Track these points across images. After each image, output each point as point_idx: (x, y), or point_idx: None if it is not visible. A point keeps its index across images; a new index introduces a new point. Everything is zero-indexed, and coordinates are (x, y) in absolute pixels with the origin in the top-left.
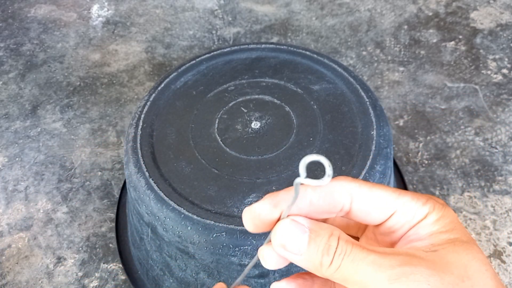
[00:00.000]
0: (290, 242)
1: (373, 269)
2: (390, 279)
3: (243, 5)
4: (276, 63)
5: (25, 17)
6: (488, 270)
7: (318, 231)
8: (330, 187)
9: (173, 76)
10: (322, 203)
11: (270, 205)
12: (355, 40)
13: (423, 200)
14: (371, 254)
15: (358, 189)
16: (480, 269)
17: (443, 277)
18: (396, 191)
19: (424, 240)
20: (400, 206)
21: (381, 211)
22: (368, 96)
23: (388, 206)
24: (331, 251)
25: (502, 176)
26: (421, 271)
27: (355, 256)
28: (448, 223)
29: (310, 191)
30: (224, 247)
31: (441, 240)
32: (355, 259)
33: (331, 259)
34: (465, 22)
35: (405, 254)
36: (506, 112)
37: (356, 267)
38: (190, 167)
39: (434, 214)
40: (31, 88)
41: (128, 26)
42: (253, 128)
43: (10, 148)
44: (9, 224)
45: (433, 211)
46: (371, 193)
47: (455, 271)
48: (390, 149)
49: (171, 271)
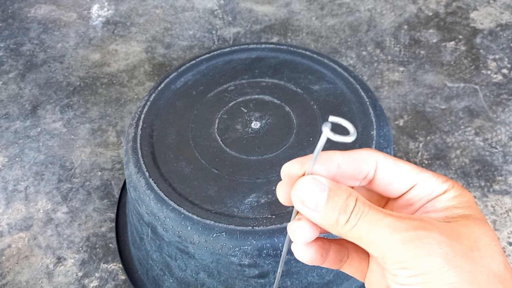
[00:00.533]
0: (309, 198)
1: (388, 231)
2: (403, 240)
3: (243, 5)
4: (276, 63)
5: (25, 17)
6: (497, 246)
7: (337, 191)
8: (357, 153)
9: (173, 76)
10: (349, 168)
11: (299, 163)
12: (355, 40)
13: (443, 178)
14: (387, 217)
15: (383, 159)
16: (489, 244)
17: (454, 245)
18: (418, 167)
19: (439, 212)
20: (421, 180)
21: (403, 182)
22: (368, 96)
23: (409, 178)
24: (348, 210)
25: (502, 176)
26: (434, 236)
27: (372, 217)
28: (465, 202)
29: (339, 156)
30: (224, 247)
31: (456, 214)
32: (371, 220)
33: (347, 218)
34: (465, 22)
35: (420, 220)
36: (506, 112)
37: (371, 227)
38: (190, 167)
39: (453, 191)
40: (31, 88)
41: (128, 26)
42: (253, 128)
43: (10, 148)
44: (9, 224)
45: (451, 188)
46: (395, 165)
47: (465, 242)
48: (390, 149)
49: (171, 271)
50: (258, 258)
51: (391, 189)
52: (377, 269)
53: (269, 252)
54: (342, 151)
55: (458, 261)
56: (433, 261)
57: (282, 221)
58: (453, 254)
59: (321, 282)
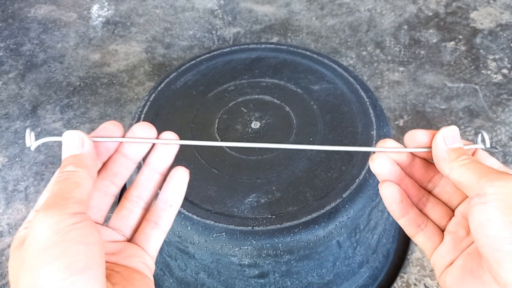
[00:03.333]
0: (451, 136)
1: (488, 170)
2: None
3: (243, 5)
4: (276, 63)
5: (25, 17)
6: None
7: (463, 149)
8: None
9: (173, 76)
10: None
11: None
12: (355, 40)
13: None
14: (488, 169)
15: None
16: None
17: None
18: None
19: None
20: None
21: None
22: (368, 96)
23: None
24: (465, 154)
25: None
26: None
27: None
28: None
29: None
30: (224, 247)
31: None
32: (479, 163)
33: (467, 156)
34: (465, 22)
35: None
36: (506, 112)
37: (478, 167)
38: (190, 167)
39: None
40: (31, 88)
41: (128, 26)
42: (253, 128)
43: (10, 148)
44: (9, 224)
45: None
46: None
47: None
48: None
49: (171, 271)
50: (258, 258)
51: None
52: (450, 242)
53: (269, 252)
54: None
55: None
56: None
57: (282, 221)
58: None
59: (321, 282)
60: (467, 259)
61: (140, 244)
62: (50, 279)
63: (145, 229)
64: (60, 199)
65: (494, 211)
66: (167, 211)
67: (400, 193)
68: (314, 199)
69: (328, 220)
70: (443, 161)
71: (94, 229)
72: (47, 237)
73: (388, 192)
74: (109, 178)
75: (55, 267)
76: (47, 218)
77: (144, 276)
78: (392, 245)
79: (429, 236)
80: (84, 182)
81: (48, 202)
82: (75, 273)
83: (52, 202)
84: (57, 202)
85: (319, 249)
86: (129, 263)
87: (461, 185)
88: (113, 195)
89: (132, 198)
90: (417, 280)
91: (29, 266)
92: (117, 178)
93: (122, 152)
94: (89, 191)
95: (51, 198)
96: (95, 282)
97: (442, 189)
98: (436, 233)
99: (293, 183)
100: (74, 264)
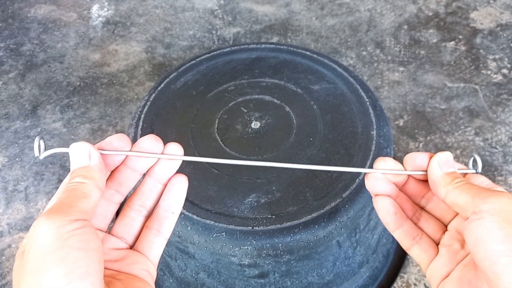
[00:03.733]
0: (447, 161)
1: (482, 192)
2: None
3: (243, 5)
4: (276, 63)
5: (25, 17)
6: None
7: (455, 172)
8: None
9: (173, 76)
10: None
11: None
12: (355, 40)
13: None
14: (480, 190)
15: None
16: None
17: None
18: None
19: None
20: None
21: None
22: (368, 96)
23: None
24: (458, 178)
25: (502, 176)
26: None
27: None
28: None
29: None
30: (224, 247)
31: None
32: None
33: (458, 182)
34: (465, 22)
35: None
36: (506, 112)
37: (470, 189)
38: (190, 167)
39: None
40: (31, 88)
41: (128, 26)
42: (253, 128)
43: (10, 148)
44: (9, 224)
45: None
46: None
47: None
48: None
49: (171, 271)
50: (258, 258)
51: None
52: (446, 254)
53: (269, 252)
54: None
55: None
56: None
57: (282, 221)
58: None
59: (321, 282)
60: (464, 270)
61: (143, 252)
62: (50, 285)
63: (147, 236)
64: (65, 206)
65: (490, 225)
66: (168, 219)
67: (393, 206)
68: (314, 199)
69: (328, 220)
70: (438, 185)
71: (95, 236)
72: (49, 242)
73: (381, 204)
74: (114, 187)
75: (56, 273)
76: (50, 223)
77: (146, 283)
78: (392, 245)
79: (424, 249)
80: (92, 194)
81: (52, 208)
82: (74, 280)
83: (56, 208)
84: (61, 208)
85: (319, 249)
86: (131, 270)
87: (457, 207)
88: (117, 203)
89: (135, 207)
90: (417, 280)
91: (30, 271)
92: (122, 188)
93: (128, 165)
94: (96, 202)
95: (57, 205)
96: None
97: (436, 205)
98: (431, 246)
99: (293, 183)
100: (73, 270)
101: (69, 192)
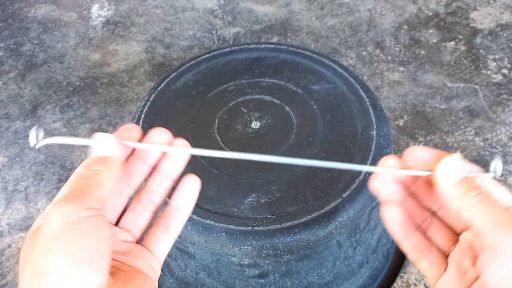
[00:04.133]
0: (453, 169)
1: (500, 212)
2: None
3: (243, 5)
4: (276, 63)
5: (25, 17)
6: None
7: (473, 177)
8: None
9: (173, 76)
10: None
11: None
12: (355, 40)
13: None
14: (500, 206)
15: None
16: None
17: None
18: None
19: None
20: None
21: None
22: (368, 96)
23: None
24: (476, 190)
25: (502, 176)
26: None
27: (491, 199)
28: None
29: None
30: (224, 247)
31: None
32: (489, 201)
33: (476, 193)
34: (465, 22)
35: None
36: (506, 112)
37: (488, 207)
38: (190, 167)
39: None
40: (31, 88)
41: (128, 26)
42: (253, 128)
43: (10, 148)
44: (9, 224)
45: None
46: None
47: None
48: (390, 149)
49: (171, 271)
50: (258, 258)
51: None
52: (454, 273)
53: (269, 252)
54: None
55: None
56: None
57: (282, 221)
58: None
59: (321, 282)
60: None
61: (149, 248)
62: (56, 265)
63: (155, 233)
64: (80, 193)
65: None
66: (177, 217)
67: (402, 215)
68: (314, 199)
69: (328, 220)
70: (450, 196)
71: (106, 225)
72: (60, 225)
73: (390, 214)
74: (125, 180)
75: (63, 255)
76: (64, 208)
77: (149, 278)
78: (392, 245)
79: (433, 263)
80: (107, 183)
81: (69, 194)
82: (80, 262)
83: (73, 195)
84: (76, 195)
85: (319, 249)
86: (136, 264)
87: (474, 227)
88: (127, 196)
89: (142, 201)
90: (417, 280)
91: (38, 251)
92: (133, 180)
93: (139, 156)
94: (109, 193)
95: (73, 191)
96: (98, 273)
97: (447, 212)
98: (440, 260)
99: (293, 183)
100: (80, 254)
101: (86, 179)
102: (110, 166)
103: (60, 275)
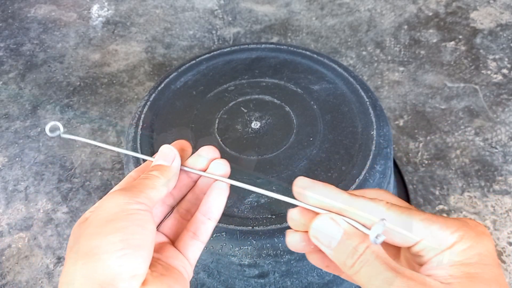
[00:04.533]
0: (324, 235)
1: (383, 285)
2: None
3: (243, 5)
4: (276, 63)
5: (25, 17)
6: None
7: (351, 235)
8: (364, 201)
9: (173, 76)
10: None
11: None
12: (355, 40)
13: (453, 228)
14: (388, 272)
15: (386, 210)
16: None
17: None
18: (426, 218)
19: (444, 269)
20: (428, 235)
21: (406, 238)
22: (368, 96)
23: (416, 232)
24: (355, 255)
25: (502, 176)
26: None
27: (373, 268)
28: (474, 255)
29: (347, 198)
30: (224, 247)
31: (460, 272)
32: (372, 270)
33: (353, 262)
34: (465, 22)
35: (420, 282)
36: (506, 112)
37: (371, 277)
38: None
39: (462, 244)
40: (31, 88)
41: (128, 26)
42: (253, 128)
43: (10, 148)
44: (9, 224)
45: (460, 240)
46: (401, 217)
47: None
48: (390, 149)
49: None
50: (258, 258)
51: (396, 242)
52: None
53: (269, 252)
54: (351, 195)
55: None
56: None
57: (282, 221)
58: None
59: (321, 282)
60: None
61: (181, 251)
62: (105, 246)
63: (185, 237)
64: (135, 189)
65: None
66: (205, 224)
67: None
68: None
69: None
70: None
71: (152, 221)
72: (114, 212)
73: (290, 239)
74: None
75: (113, 238)
76: (119, 197)
77: (183, 276)
78: None
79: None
80: (161, 189)
81: (124, 187)
82: (128, 247)
83: (128, 189)
84: (131, 190)
85: None
86: (171, 262)
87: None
88: (169, 205)
89: (181, 211)
90: None
91: (89, 233)
92: (176, 191)
93: (185, 170)
94: (160, 198)
95: (128, 187)
96: (142, 261)
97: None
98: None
99: None
100: (129, 240)
101: (143, 179)
102: (167, 174)
103: (109, 257)
